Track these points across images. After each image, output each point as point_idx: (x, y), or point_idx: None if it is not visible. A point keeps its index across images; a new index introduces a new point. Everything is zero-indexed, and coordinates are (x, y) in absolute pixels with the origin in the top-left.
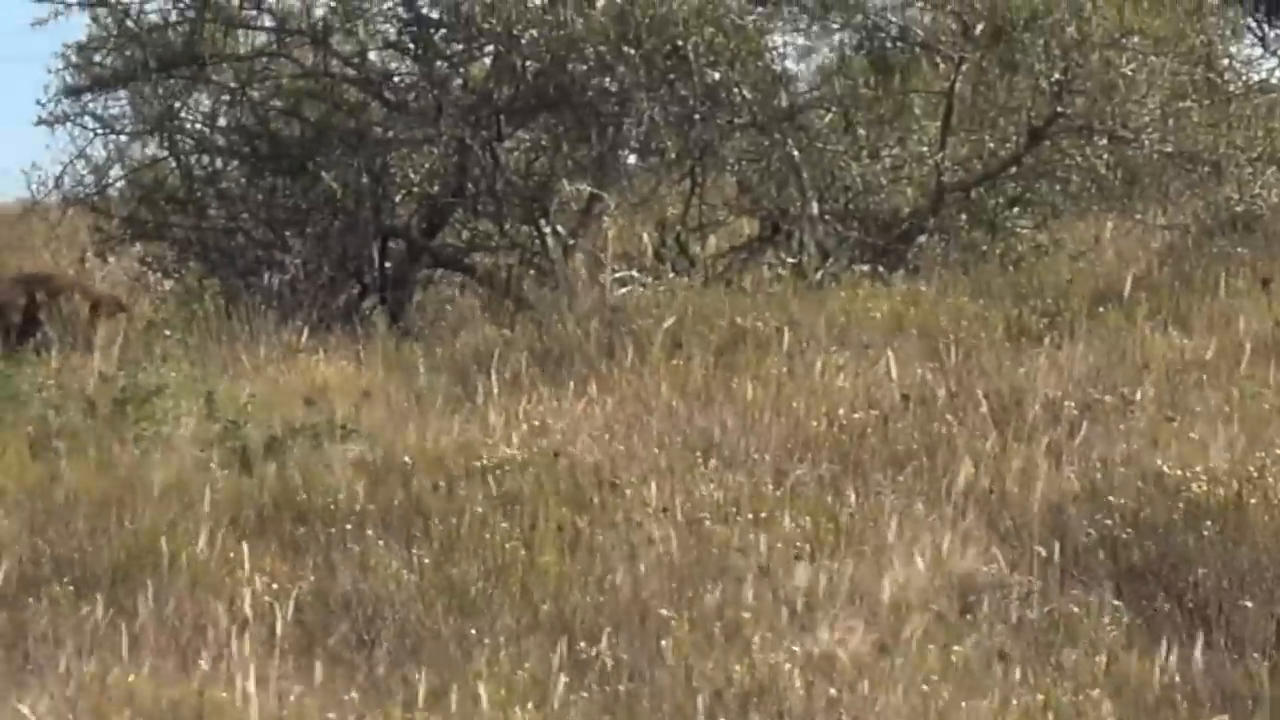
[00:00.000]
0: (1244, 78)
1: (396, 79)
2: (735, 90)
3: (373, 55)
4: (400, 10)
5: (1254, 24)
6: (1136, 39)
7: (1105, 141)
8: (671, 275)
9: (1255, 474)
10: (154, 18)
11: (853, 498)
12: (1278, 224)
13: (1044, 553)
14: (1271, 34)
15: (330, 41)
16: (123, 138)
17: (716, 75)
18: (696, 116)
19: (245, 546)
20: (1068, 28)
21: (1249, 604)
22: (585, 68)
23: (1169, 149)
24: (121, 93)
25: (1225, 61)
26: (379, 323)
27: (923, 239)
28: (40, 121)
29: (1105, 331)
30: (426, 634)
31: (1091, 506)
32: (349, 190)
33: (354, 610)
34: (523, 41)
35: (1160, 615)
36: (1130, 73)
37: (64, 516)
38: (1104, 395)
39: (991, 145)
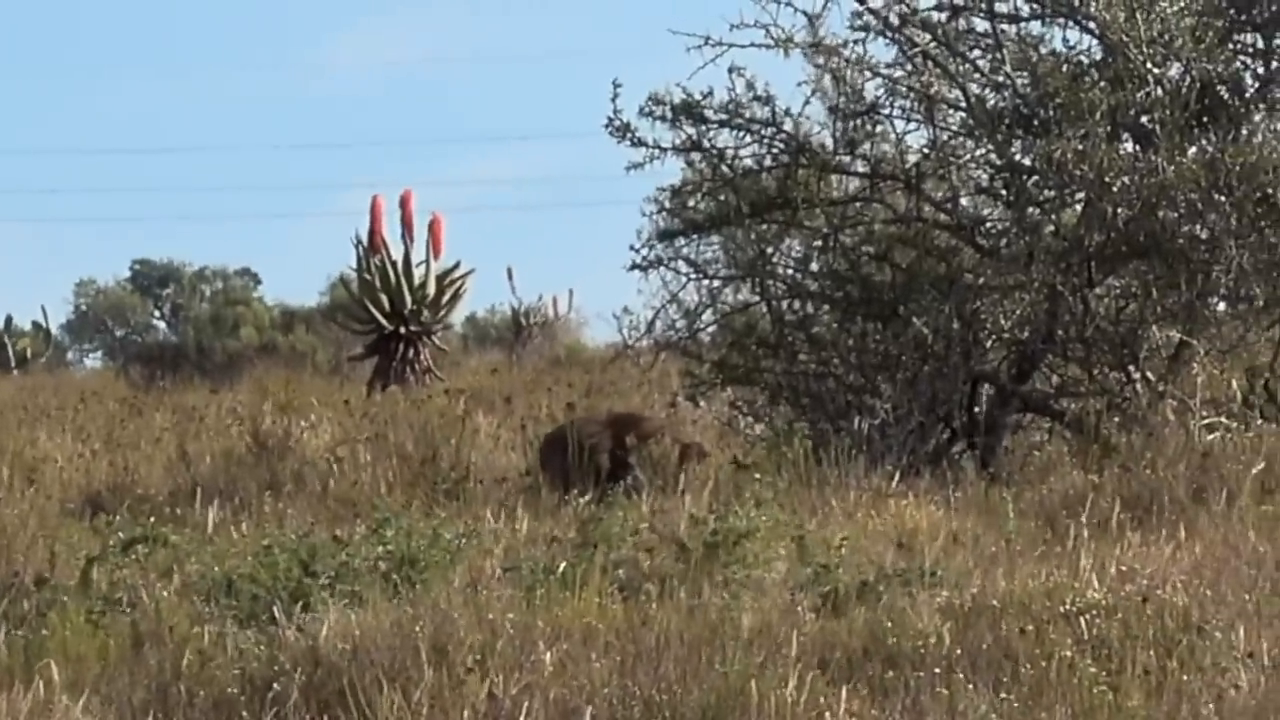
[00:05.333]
0: None
1: (988, 225)
2: None
3: (965, 201)
4: (993, 156)
5: None
6: None
7: None
8: (1260, 422)
9: None
10: (748, 162)
11: None
12: None
13: None
14: None
15: (922, 187)
16: (715, 282)
17: None
18: None
19: (834, 690)
20: None
21: None
22: (1176, 215)
23: None
24: (714, 237)
25: None
26: (968, 467)
27: None
28: (634, 266)
29: None
30: None
31: None
32: (939, 335)
33: None
34: (1114, 188)
35: None
36: None
37: (654, 659)
38: None
39: None
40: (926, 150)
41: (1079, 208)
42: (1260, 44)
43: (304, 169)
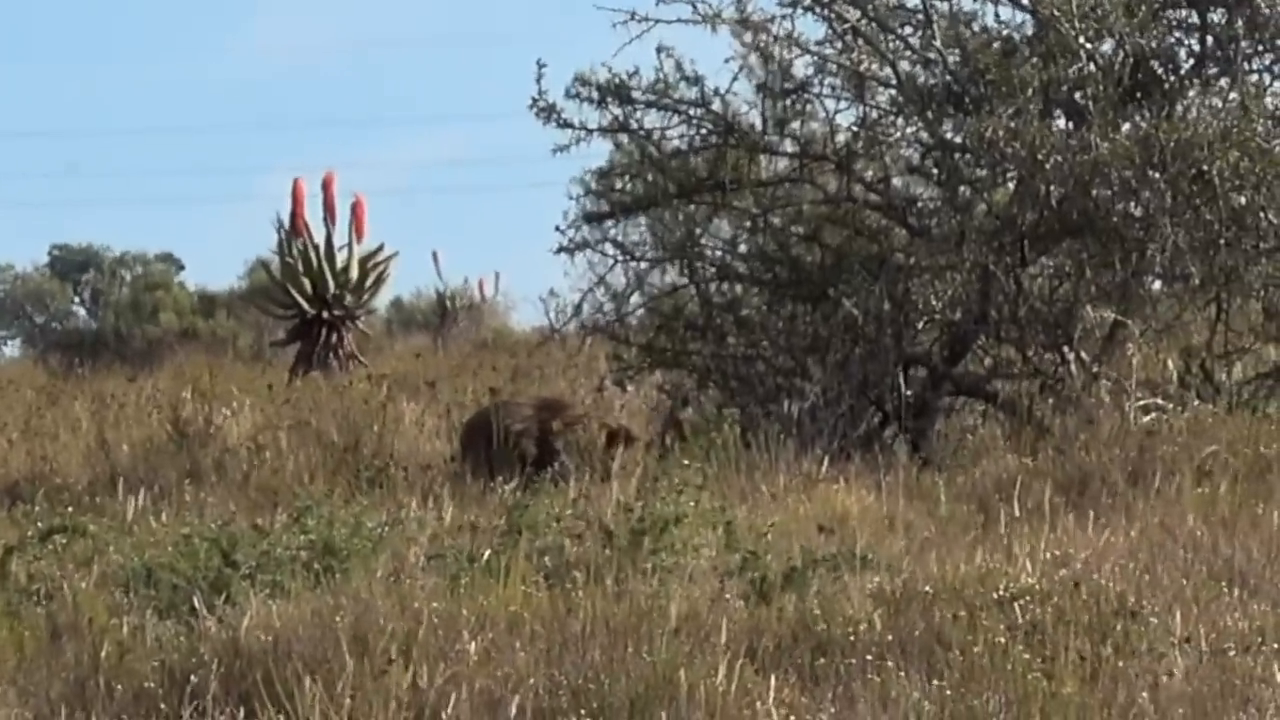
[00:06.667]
0: None
1: (919, 204)
2: (1261, 215)
3: (895, 180)
4: (924, 135)
5: None
6: None
7: None
8: (1196, 403)
9: None
10: (676, 143)
11: None
12: None
13: None
14: None
15: (853, 167)
16: (642, 265)
17: (1242, 199)
18: (1221, 241)
19: (763, 678)
20: None
21: None
22: (1109, 193)
23: None
24: (641, 219)
25: None
26: (900, 451)
27: None
28: (560, 249)
29: None
30: None
31: None
32: (870, 317)
33: None
34: (1047, 166)
35: None
36: None
37: (580, 647)
38: None
39: None
40: (856, 129)
41: (1011, 186)
42: (1195, 18)
43: (225, 152)
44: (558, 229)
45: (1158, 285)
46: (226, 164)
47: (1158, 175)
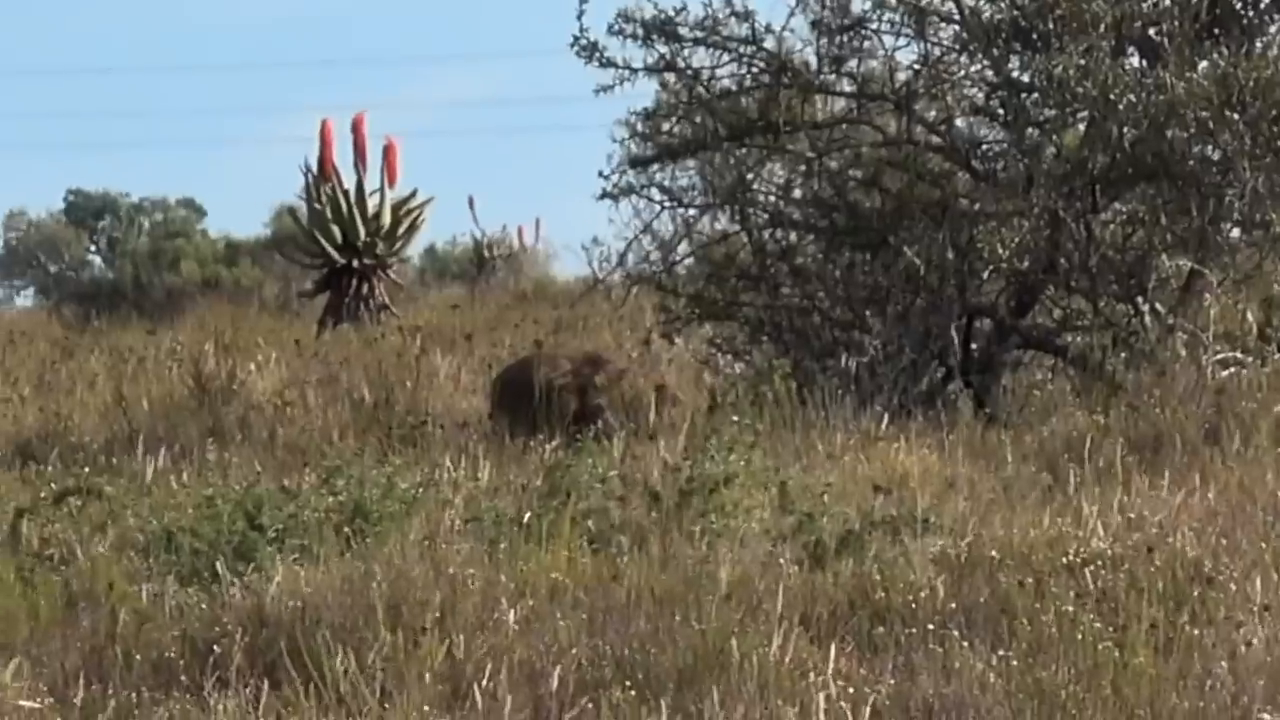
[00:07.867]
0: None
1: (984, 147)
2: None
3: (959, 122)
4: (989, 74)
5: None
6: None
7: None
8: (1277, 356)
9: None
10: (726, 83)
11: None
12: None
13: None
14: None
15: (914, 107)
16: (691, 211)
17: None
18: None
19: (819, 648)
20: None
21: None
22: (1185, 135)
23: None
24: (690, 163)
25: None
26: (963, 408)
27: None
28: (604, 195)
29: None
30: None
31: None
32: (932, 266)
33: (936, 716)
34: (1120, 107)
35: None
36: None
37: (625, 615)
38: None
39: None
40: (917, 67)
41: (1082, 128)
42: None
43: (249, 92)
44: (601, 174)
45: (1236, 233)
46: (251, 104)
47: (1236, 116)
